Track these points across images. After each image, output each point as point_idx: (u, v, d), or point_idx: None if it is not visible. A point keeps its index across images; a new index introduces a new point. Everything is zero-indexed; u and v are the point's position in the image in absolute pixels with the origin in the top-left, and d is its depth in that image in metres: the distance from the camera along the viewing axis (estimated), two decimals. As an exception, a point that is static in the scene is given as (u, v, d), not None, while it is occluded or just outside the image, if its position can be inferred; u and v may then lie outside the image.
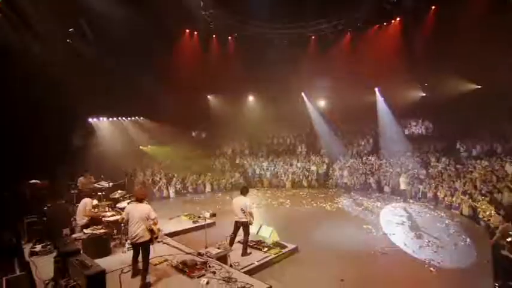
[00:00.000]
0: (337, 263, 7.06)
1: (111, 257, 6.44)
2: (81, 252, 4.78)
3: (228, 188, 17.19)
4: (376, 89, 20.84)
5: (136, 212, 5.31)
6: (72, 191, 8.45)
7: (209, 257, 6.14)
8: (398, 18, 17.49)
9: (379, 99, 20.70)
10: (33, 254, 6.44)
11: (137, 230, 5.23)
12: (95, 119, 15.97)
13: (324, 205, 12.98)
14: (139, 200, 5.51)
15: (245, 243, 7.09)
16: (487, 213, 9.41)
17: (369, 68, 18.94)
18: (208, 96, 22.75)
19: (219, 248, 6.40)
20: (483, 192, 10.98)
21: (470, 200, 10.60)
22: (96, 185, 8.77)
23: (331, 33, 18.70)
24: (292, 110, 23.24)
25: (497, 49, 15.76)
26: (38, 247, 6.56)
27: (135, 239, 5.26)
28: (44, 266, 5.83)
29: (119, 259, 6.28)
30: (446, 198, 11.84)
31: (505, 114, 16.88)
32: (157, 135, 18.44)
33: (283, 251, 7.45)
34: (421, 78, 19.90)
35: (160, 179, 15.75)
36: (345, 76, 21.62)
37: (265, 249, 7.46)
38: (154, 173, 16.63)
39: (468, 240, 8.18)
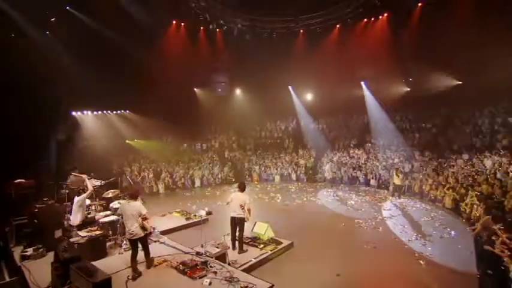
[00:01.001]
0: (332, 257, 7.25)
1: (108, 258, 6.33)
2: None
3: (218, 183, 17.18)
4: (363, 83, 21.17)
5: (128, 209, 5.59)
6: (63, 190, 8.14)
7: (209, 257, 6.16)
8: (385, 14, 17.73)
9: (367, 93, 21.08)
10: (24, 258, 6.22)
11: (131, 228, 5.49)
12: (78, 113, 15.38)
13: (314, 199, 13.26)
14: (132, 198, 5.76)
15: (241, 240, 7.15)
16: (468, 206, 9.97)
17: (356, 62, 19.25)
18: (195, 89, 22.42)
19: (217, 247, 6.42)
20: (464, 186, 11.56)
21: (453, 194, 11.11)
22: (87, 183, 8.48)
23: (320, 27, 18.67)
24: (279, 103, 23.33)
25: (478, 46, 16.45)
26: (30, 250, 6.33)
27: (131, 236, 5.54)
28: (37, 271, 5.67)
29: (117, 261, 6.18)
30: (431, 192, 12.35)
31: (483, 110, 17.76)
32: (144, 129, 18.04)
33: (279, 247, 7.57)
34: (406, 73, 20.44)
35: (148, 174, 15.48)
36: (332, 70, 21.91)
37: (261, 245, 7.56)
38: (142, 168, 16.33)
39: (453, 232, 8.61)
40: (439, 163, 14.88)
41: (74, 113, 15.15)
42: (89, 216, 7.06)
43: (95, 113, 16.28)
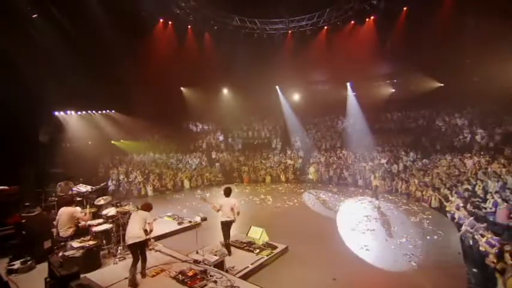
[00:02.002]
0: (326, 261, 7.36)
1: (102, 269, 6.12)
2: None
3: (207, 184, 17.03)
4: (348, 84, 21.52)
5: (135, 216, 5.91)
6: (51, 198, 7.78)
7: (207, 265, 6.09)
8: (372, 17, 18.08)
9: (350, 94, 21.45)
10: (11, 272, 5.90)
11: (132, 231, 5.63)
12: (61, 113, 14.75)
13: (304, 201, 13.40)
14: (144, 209, 6.09)
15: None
16: (453, 206, 10.38)
17: (342, 64, 19.53)
18: (182, 89, 22.06)
19: (215, 255, 6.37)
20: (448, 186, 12.04)
21: (438, 195, 11.54)
22: (75, 190, 8.17)
23: (310, 30, 18.83)
24: (266, 103, 23.38)
25: (458, 50, 17.16)
26: (17, 263, 6.02)
27: (132, 239, 5.56)
28: (27, 285, 5.42)
29: (112, 272, 5.98)
30: (417, 192, 12.77)
31: (462, 111, 18.53)
32: (130, 129, 17.57)
33: (275, 251, 7.60)
34: (391, 75, 21.01)
35: (136, 176, 15.12)
36: (319, 71, 22.24)
37: (257, 250, 7.56)
38: (129, 170, 15.91)
39: (441, 233, 8.94)
40: (424, 164, 15.39)
41: (56, 113, 14.51)
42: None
43: (79, 113, 15.66)
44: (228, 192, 7.35)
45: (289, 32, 19.70)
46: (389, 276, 6.59)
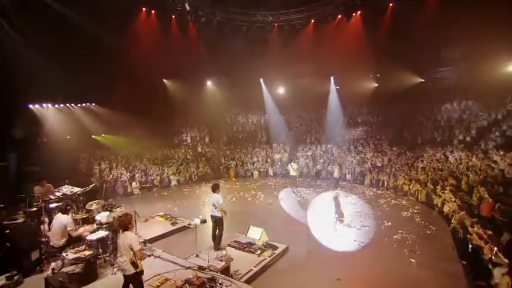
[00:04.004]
0: (328, 260, 7.39)
1: (100, 282, 5.68)
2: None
3: (194, 180, 16.61)
4: (332, 78, 21.61)
5: (121, 240, 4.70)
6: (35, 203, 7.13)
7: (213, 271, 5.87)
8: (359, 12, 18.14)
9: (333, 88, 21.59)
10: (-5, 288, 5.39)
11: (120, 260, 4.65)
12: (37, 106, 13.62)
13: (295, 196, 13.42)
14: (122, 228, 4.78)
15: (219, 238, 7.57)
16: (441, 201, 10.79)
17: (328, 58, 19.56)
18: (164, 81, 21.20)
19: (221, 260, 6.16)
20: (433, 180, 12.49)
21: (426, 189, 11.96)
22: (60, 192, 7.56)
23: (300, 23, 18.59)
24: (250, 96, 23.07)
25: (439, 46, 17.70)
26: (2, 279, 5.44)
27: (121, 272, 4.72)
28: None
29: (111, 283, 5.57)
30: (404, 186, 13.16)
31: (441, 105, 19.28)
32: (111, 123, 16.63)
33: (276, 252, 7.52)
34: (374, 69, 21.34)
35: (121, 173, 14.39)
36: (304, 64, 22.16)
37: (258, 251, 7.45)
38: (112, 166, 15.12)
39: (433, 227, 9.26)
40: (409, 158, 15.86)
41: (31, 106, 13.38)
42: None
43: (56, 106, 14.54)
44: (213, 188, 7.58)
45: (276, 25, 19.40)
46: (391, 275, 6.68)
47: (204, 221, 7.44)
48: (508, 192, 9.71)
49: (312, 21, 18.97)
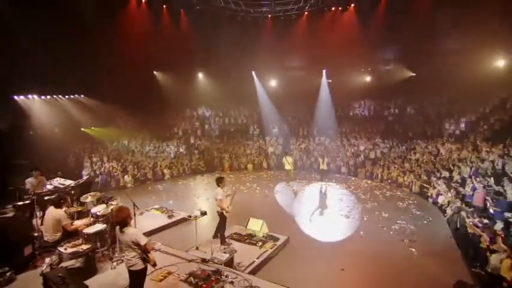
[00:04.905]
0: (329, 251, 7.39)
1: (99, 276, 5.46)
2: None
3: (188, 173, 16.36)
4: (324, 71, 21.59)
5: (123, 238, 4.30)
6: (26, 196, 6.76)
7: (217, 264, 5.74)
8: (352, 5, 18.10)
9: (324, 81, 21.59)
10: (-15, 287, 5.07)
11: (128, 256, 4.28)
12: (21, 97, 12.98)
13: (290, 188, 13.40)
14: (122, 226, 4.28)
15: (216, 232, 7.49)
16: (435, 192, 10.98)
17: (321, 51, 19.50)
18: (155, 72, 20.65)
19: (225, 252, 6.02)
20: (427, 172, 12.69)
21: (418, 181, 12.14)
22: (51, 186, 7.21)
23: (295, 13, 18.38)
24: (242, 88, 22.79)
25: (431, 41, 17.87)
26: (-8, 277, 5.16)
27: (128, 265, 4.33)
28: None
29: (112, 278, 5.37)
30: (398, 178, 13.32)
31: (431, 99, 19.58)
32: (101, 115, 16.09)
33: (277, 243, 7.46)
34: (367, 63, 21.41)
35: (114, 166, 13.96)
36: (298, 57, 22.04)
37: (260, 243, 7.37)
38: (104, 159, 14.65)
39: (429, 218, 9.41)
40: (402, 150, 16.06)
41: (16, 98, 12.73)
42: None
43: (43, 97, 13.90)
44: (217, 182, 7.46)
45: (269, 16, 19.15)
46: (394, 264, 6.73)
47: (204, 213, 7.28)
48: (499, 183, 9.93)
49: (306, 13, 18.82)
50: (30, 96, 13.34)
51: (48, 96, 14.20)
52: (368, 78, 21.78)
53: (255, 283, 5.17)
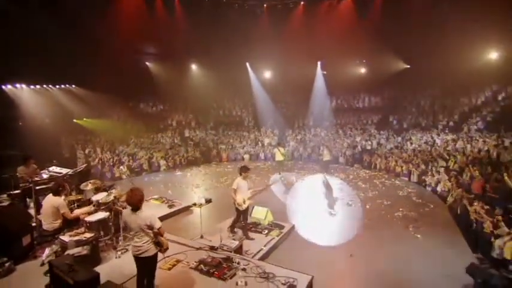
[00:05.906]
0: (335, 238, 7.31)
1: (103, 266, 5.21)
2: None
3: (184, 164, 16.09)
4: (319, 63, 21.47)
5: (133, 221, 4.04)
6: (23, 185, 6.41)
7: (227, 251, 5.58)
8: (349, -4, 17.99)
9: (319, 73, 21.51)
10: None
11: (139, 242, 4.02)
12: (9, 86, 12.38)
13: (290, 179, 13.30)
14: (135, 208, 4.06)
15: (233, 224, 7.06)
16: (434, 180, 11.08)
17: (317, 43, 19.36)
18: (147, 63, 20.13)
19: (234, 239, 5.87)
20: (425, 161, 12.81)
21: (418, 169, 12.24)
22: (47, 174, 6.85)
23: (292, 2, 18.13)
24: (237, 80, 22.50)
25: (425, 33, 17.91)
26: (-10, 268, 4.86)
27: (137, 252, 4.05)
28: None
29: (116, 268, 5.11)
30: (396, 168, 13.41)
31: (424, 91, 19.77)
32: (93, 106, 15.57)
33: (283, 231, 7.36)
34: (362, 55, 21.38)
35: (110, 157, 13.57)
36: (293, 48, 21.79)
37: (266, 231, 7.25)
38: (97, 150, 14.23)
39: (430, 205, 9.48)
40: (399, 141, 16.18)
41: (3, 87, 12.13)
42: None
43: (32, 87, 13.29)
44: (240, 171, 6.90)
45: (265, 5, 18.85)
46: (401, 250, 6.68)
47: (209, 201, 7.10)
48: (496, 170, 10.08)
49: (302, 2, 18.61)
50: (18, 85, 12.74)
51: (38, 86, 13.60)
52: (363, 70, 21.80)
53: (268, 269, 5.03)
